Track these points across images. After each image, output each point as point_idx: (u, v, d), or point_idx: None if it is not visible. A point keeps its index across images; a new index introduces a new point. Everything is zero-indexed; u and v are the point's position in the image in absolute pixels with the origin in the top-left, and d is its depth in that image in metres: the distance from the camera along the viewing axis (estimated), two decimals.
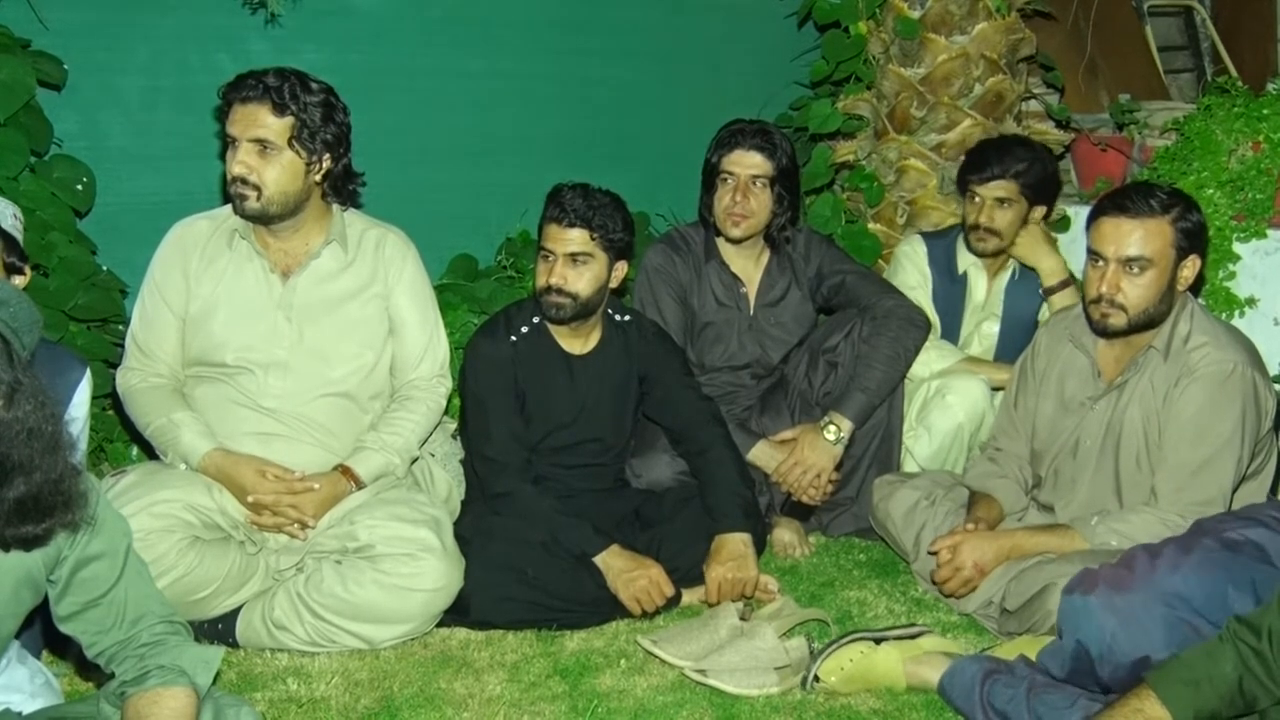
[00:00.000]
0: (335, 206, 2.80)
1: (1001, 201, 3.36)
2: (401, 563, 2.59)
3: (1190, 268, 2.72)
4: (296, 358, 2.71)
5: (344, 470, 2.72)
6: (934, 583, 2.89)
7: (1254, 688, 1.92)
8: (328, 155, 2.67)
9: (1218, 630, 2.03)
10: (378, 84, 3.77)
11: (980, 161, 3.39)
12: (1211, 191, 3.35)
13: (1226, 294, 3.39)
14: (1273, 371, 2.95)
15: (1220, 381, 2.66)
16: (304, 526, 2.67)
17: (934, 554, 2.84)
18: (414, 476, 2.92)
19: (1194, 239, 2.69)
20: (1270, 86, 3.53)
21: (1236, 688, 1.92)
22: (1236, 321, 3.28)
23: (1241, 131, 3.37)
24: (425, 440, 2.91)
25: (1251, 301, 3.38)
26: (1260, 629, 1.93)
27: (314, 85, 2.65)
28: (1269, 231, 3.37)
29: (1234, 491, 2.70)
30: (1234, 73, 4.34)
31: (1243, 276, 3.39)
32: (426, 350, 2.88)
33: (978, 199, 3.38)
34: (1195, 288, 2.82)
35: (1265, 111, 3.37)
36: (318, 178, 2.68)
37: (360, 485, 2.73)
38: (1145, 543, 2.49)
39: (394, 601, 2.59)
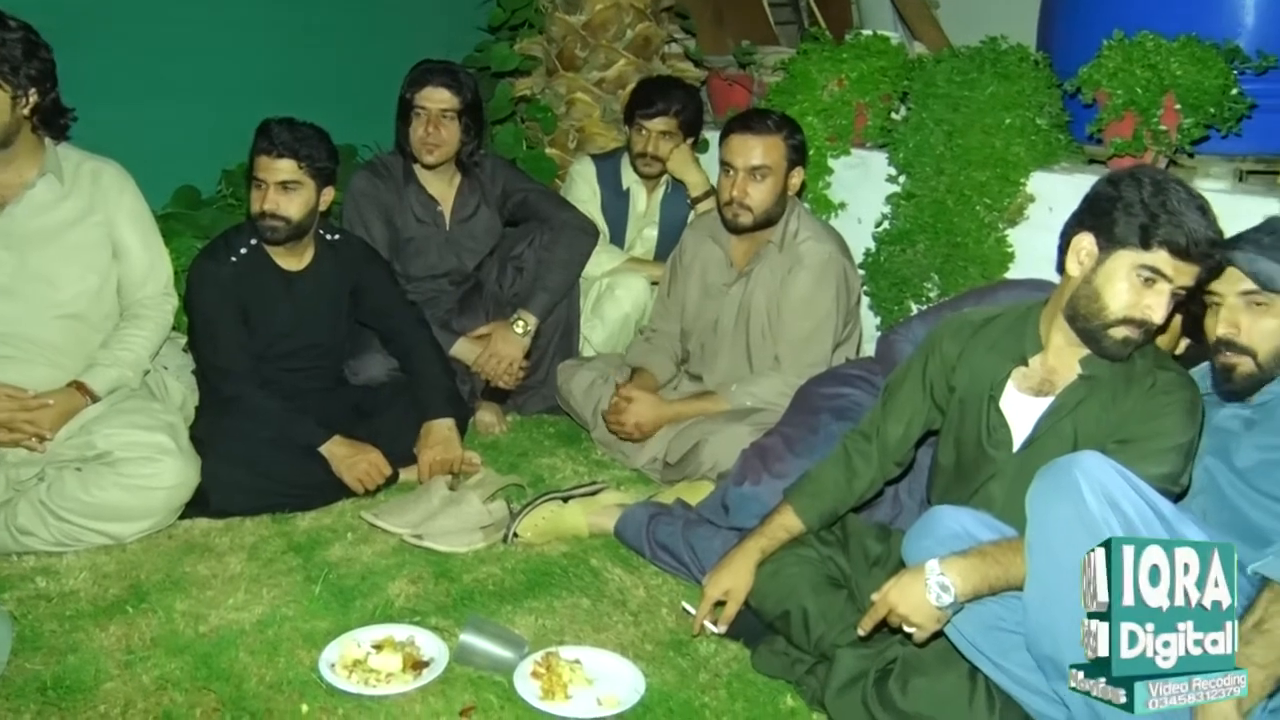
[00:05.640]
0: (48, 140, 2.52)
1: (664, 134, 3.44)
2: (141, 465, 2.43)
3: (797, 177, 2.88)
4: (20, 284, 2.46)
5: (78, 386, 2.51)
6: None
7: (858, 485, 2.10)
8: (34, 90, 2.39)
9: None
10: (96, 27, 3.39)
11: (646, 100, 3.45)
12: (811, 119, 3.51)
13: (824, 199, 3.58)
14: (857, 259, 3.17)
15: (821, 268, 2.85)
16: (41, 440, 2.45)
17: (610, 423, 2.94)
18: (149, 388, 2.72)
19: (799, 153, 2.86)
20: (848, 36, 3.70)
21: (846, 487, 2.10)
22: (832, 221, 3.48)
23: (830, 71, 3.54)
24: (156, 353, 2.72)
25: (842, 205, 3.59)
26: (870, 434, 2.11)
27: (12, 23, 2.36)
28: (852, 150, 3.59)
29: (832, 354, 2.92)
30: (824, 25, 4.56)
31: (835, 185, 3.59)
32: (150, 271, 2.67)
33: (644, 131, 3.44)
34: (800, 194, 2.98)
35: (845, 56, 3.54)
36: (25, 112, 2.40)
37: (95, 399, 2.53)
38: (779, 419, 2.61)
39: (136, 500, 2.43)
